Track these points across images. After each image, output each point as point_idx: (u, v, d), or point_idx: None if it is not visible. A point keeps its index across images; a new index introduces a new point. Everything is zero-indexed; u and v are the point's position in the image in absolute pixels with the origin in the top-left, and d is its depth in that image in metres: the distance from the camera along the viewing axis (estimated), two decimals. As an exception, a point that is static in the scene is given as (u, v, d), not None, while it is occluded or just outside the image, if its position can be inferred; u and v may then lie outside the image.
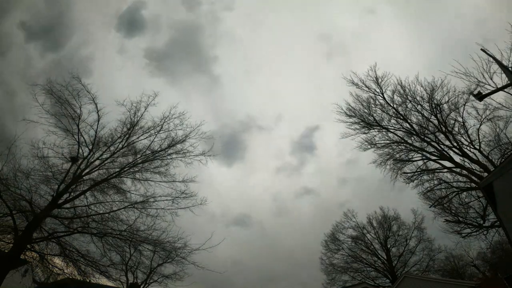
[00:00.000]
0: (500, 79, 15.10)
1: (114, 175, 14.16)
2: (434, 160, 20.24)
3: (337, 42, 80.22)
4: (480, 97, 9.91)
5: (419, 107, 20.15)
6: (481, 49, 11.24)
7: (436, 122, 19.64)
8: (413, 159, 20.97)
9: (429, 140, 20.18)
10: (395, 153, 21.34)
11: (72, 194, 13.04)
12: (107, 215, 13.13)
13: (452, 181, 20.13)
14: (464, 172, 18.70)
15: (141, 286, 22.49)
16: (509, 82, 9.97)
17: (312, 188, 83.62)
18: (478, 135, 18.56)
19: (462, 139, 19.14)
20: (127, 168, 14.46)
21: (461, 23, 48.14)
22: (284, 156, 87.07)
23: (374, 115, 21.47)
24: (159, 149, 15.17)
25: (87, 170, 13.78)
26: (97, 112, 14.20)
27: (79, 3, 61.02)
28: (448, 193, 20.03)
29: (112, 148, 14.61)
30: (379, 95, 21.14)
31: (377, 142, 21.71)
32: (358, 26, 74.15)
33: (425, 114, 20.02)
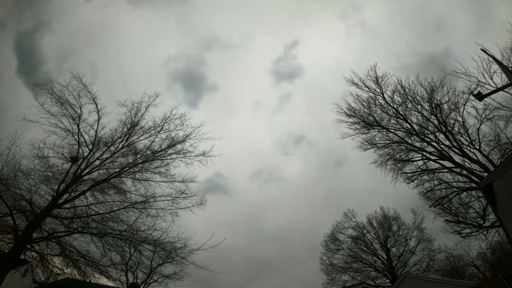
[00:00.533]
0: (500, 79, 15.13)
1: (114, 175, 14.16)
2: (434, 160, 20.25)
3: None
4: (480, 97, 9.91)
5: (419, 107, 20.18)
6: (481, 49, 11.25)
7: (436, 122, 19.66)
8: (413, 159, 21.00)
9: (429, 140, 20.20)
10: (395, 153, 21.36)
11: (72, 194, 13.02)
12: (107, 215, 13.13)
13: (452, 181, 20.16)
14: (464, 172, 18.70)
15: (141, 286, 22.49)
16: (509, 82, 9.98)
17: (303, 134, 69.72)
18: (478, 135, 18.59)
19: (462, 139, 19.17)
20: (127, 168, 14.46)
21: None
22: (264, 89, 71.39)
23: (374, 115, 21.50)
24: (159, 149, 15.17)
25: (87, 170, 13.77)
26: (98, 112, 14.19)
27: None
28: (448, 193, 20.03)
29: (112, 148, 14.61)
30: (379, 95, 21.16)
31: (377, 142, 21.74)
32: None
33: (425, 114, 20.05)
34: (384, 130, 21.46)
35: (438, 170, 20.28)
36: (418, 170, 20.70)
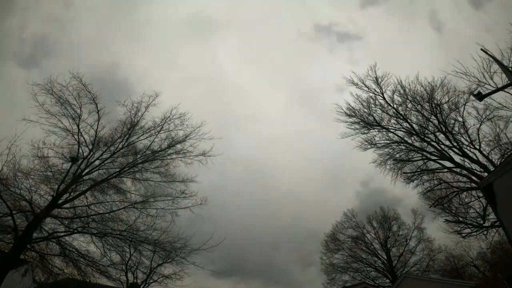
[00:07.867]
0: (500, 79, 15.12)
1: (114, 175, 14.15)
2: (434, 160, 20.25)
3: None
4: (480, 97, 9.91)
5: (419, 107, 20.16)
6: (481, 49, 11.24)
7: (436, 122, 19.65)
8: (413, 159, 20.99)
9: (429, 140, 20.19)
10: (395, 153, 21.37)
11: (72, 194, 13.02)
12: (107, 215, 13.14)
13: (452, 181, 20.17)
14: (464, 172, 18.70)
15: (141, 286, 22.49)
16: (509, 82, 9.97)
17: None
18: (478, 135, 18.60)
19: (462, 139, 19.17)
20: (127, 168, 14.45)
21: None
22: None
23: (374, 115, 21.49)
24: (159, 149, 15.15)
25: (87, 170, 13.77)
26: (97, 112, 14.15)
27: None
28: (448, 193, 20.04)
29: (112, 148, 14.58)
30: (379, 95, 21.15)
31: (377, 142, 21.73)
32: None
33: (425, 114, 20.03)
34: (384, 130, 21.45)
35: (438, 170, 20.30)
36: (418, 170, 20.71)
